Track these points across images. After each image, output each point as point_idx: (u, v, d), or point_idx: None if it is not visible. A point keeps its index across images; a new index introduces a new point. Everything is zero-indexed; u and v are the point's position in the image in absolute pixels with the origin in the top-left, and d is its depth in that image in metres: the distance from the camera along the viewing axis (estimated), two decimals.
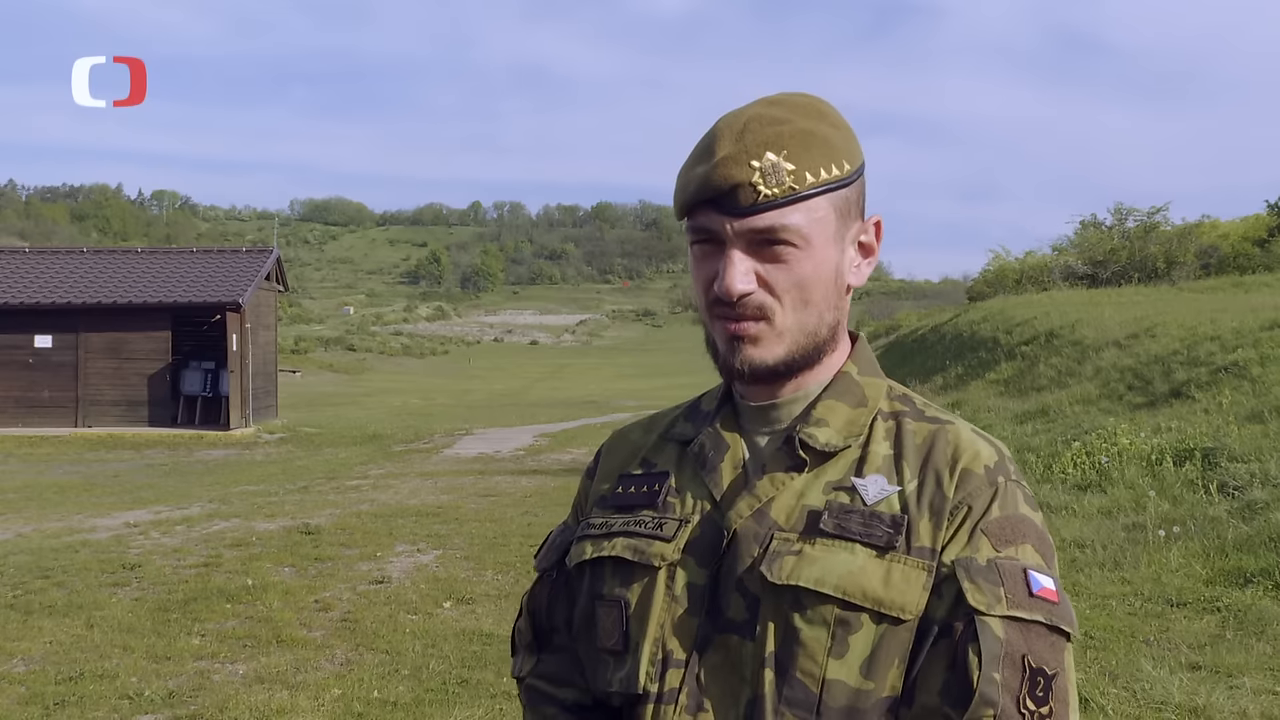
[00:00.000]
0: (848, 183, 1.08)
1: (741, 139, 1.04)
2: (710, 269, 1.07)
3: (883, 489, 1.07)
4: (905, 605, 1.01)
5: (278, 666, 5.44)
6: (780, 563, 1.04)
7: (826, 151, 1.06)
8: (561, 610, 1.22)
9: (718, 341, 1.10)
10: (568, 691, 1.20)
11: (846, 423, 1.11)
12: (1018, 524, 1.05)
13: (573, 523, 1.27)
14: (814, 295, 1.08)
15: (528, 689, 1.23)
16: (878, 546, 1.03)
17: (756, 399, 1.15)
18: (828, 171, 1.05)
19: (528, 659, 1.25)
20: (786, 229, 1.04)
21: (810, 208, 1.05)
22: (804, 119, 1.07)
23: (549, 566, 1.25)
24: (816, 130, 1.06)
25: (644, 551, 1.11)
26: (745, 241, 1.05)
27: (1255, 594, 5.86)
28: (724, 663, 1.06)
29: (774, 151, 1.03)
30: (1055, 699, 0.97)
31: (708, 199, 1.05)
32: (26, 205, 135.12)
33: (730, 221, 1.04)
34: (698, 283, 1.10)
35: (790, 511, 1.07)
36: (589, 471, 1.29)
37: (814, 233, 1.06)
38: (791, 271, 1.06)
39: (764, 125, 1.05)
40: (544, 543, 1.29)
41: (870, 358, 1.18)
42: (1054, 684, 0.98)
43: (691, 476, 1.15)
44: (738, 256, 1.05)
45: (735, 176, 1.03)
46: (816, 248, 1.07)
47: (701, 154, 1.07)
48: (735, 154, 1.04)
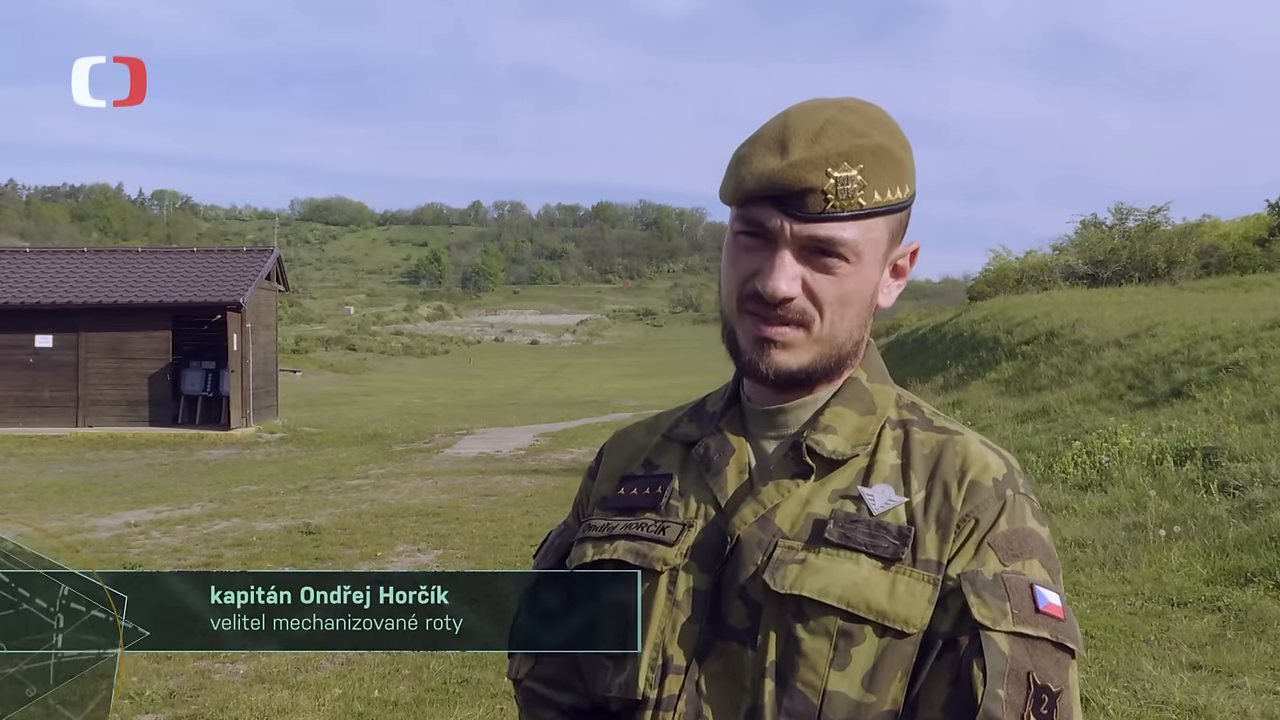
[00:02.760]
0: (904, 206, 1.08)
1: (819, 142, 1.02)
2: (752, 264, 1.05)
3: (890, 499, 1.06)
4: (909, 618, 1.00)
5: (278, 666, 5.44)
6: (784, 571, 1.03)
7: (896, 173, 1.05)
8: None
9: (741, 338, 1.08)
10: (566, 695, 1.18)
11: (854, 430, 1.10)
12: (1025, 538, 1.04)
13: (573, 523, 1.25)
14: (852, 311, 1.07)
15: (525, 691, 1.22)
16: (883, 558, 1.02)
17: (764, 403, 1.13)
18: (893, 193, 1.04)
19: (525, 661, 1.23)
20: (844, 243, 1.03)
21: (869, 226, 1.04)
22: (880, 134, 1.05)
23: (549, 567, 1.23)
24: (891, 150, 1.05)
25: (646, 555, 1.10)
26: (798, 246, 1.03)
27: (1256, 593, 5.86)
28: (724, 670, 1.05)
29: (850, 164, 1.02)
30: (1059, 716, 0.97)
31: (773, 196, 1.02)
32: (27, 205, 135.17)
33: (790, 224, 1.02)
34: (733, 275, 1.07)
35: (795, 519, 1.06)
36: (590, 471, 1.27)
37: (866, 250, 1.05)
38: (838, 285, 1.05)
39: (843, 133, 1.03)
40: (543, 543, 1.28)
41: (880, 364, 1.17)
42: (1058, 701, 0.97)
43: (695, 480, 1.13)
44: (788, 259, 1.03)
45: (810, 181, 1.01)
46: (865, 265, 1.05)
47: (771, 145, 1.04)
48: (814, 158, 1.01)
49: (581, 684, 1.17)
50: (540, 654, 1.22)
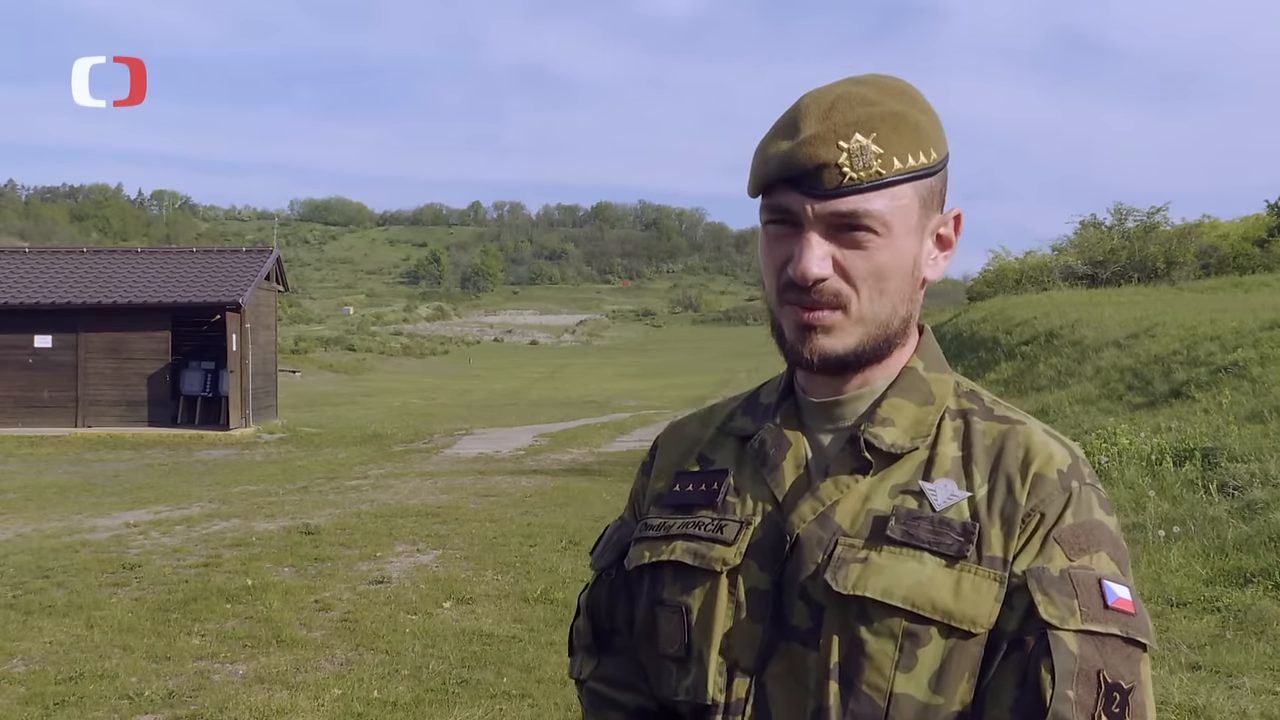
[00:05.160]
0: (933, 171, 1.03)
1: (829, 117, 1.00)
2: (784, 251, 1.03)
3: (952, 494, 1.02)
4: (976, 618, 0.97)
5: (278, 666, 5.44)
6: (846, 571, 1.00)
7: (915, 137, 1.01)
8: (622, 612, 1.18)
9: (786, 329, 1.05)
10: (630, 696, 1.16)
11: (913, 422, 1.07)
12: (1092, 530, 1.01)
13: (630, 519, 1.22)
14: (890, 285, 1.03)
15: (589, 692, 1.20)
16: (947, 555, 0.99)
17: (819, 394, 1.10)
18: (915, 159, 1.01)
19: (587, 661, 1.21)
20: (869, 214, 1.00)
21: (895, 194, 1.01)
22: (894, 101, 1.02)
23: (607, 565, 1.21)
24: (907, 114, 1.02)
25: (705, 556, 1.07)
26: (824, 225, 1.00)
27: (1255, 594, 5.87)
28: (788, 672, 1.02)
29: (863, 133, 0.99)
30: (1132, 713, 0.94)
31: (789, 178, 1.00)
32: (26, 205, 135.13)
33: (811, 203, 1.00)
34: (769, 266, 1.05)
35: (855, 516, 1.03)
36: (644, 467, 1.24)
37: (896, 220, 1.01)
38: (871, 259, 1.01)
39: (853, 105, 1.00)
40: (599, 540, 1.25)
41: (937, 352, 1.13)
42: (1130, 698, 0.94)
43: (751, 475, 1.11)
44: (815, 239, 1.00)
45: (821, 156, 0.98)
46: (897, 236, 1.02)
47: (784, 130, 1.02)
48: (823, 133, 0.99)
49: (646, 685, 1.14)
50: (602, 654, 1.20)
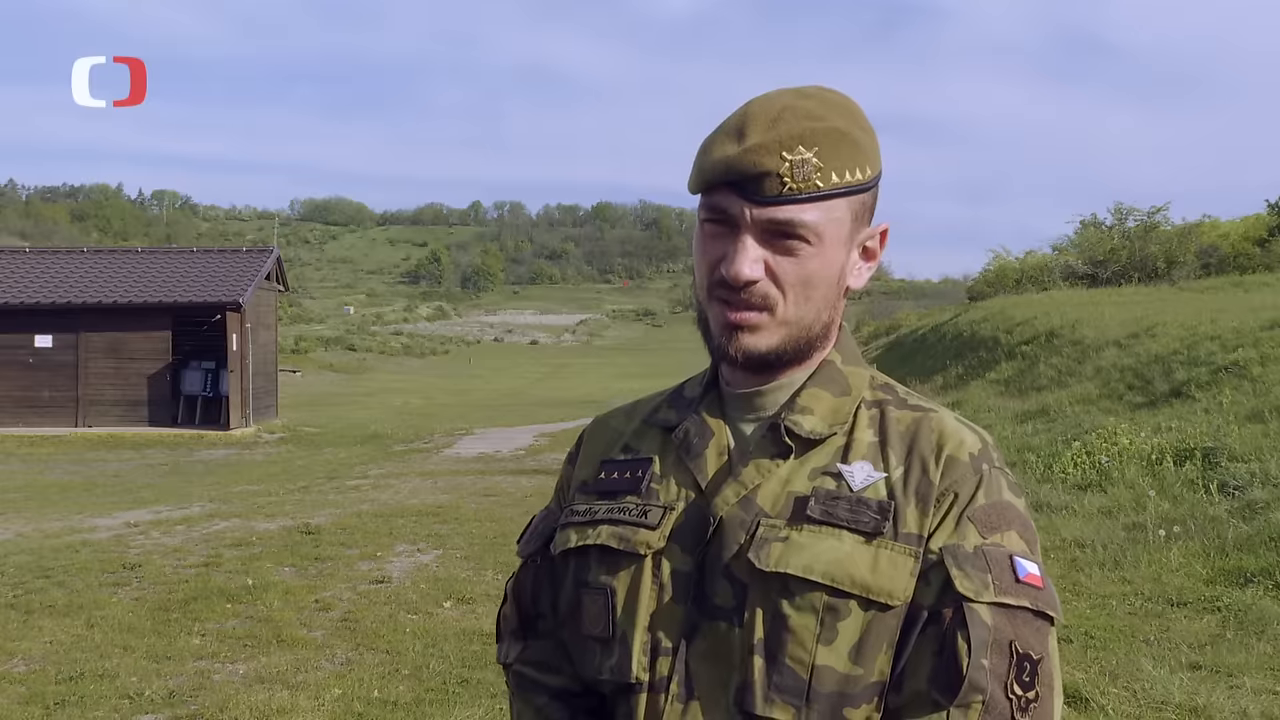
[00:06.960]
0: (867, 188, 1.08)
1: (775, 127, 1.04)
2: (718, 250, 1.07)
3: (869, 475, 1.07)
4: (893, 591, 1.02)
5: (278, 666, 5.44)
6: (768, 549, 1.04)
7: (854, 154, 1.06)
8: (547, 596, 1.22)
9: (713, 324, 1.10)
10: (555, 678, 1.21)
11: (831, 411, 1.11)
12: (1003, 510, 1.06)
13: (555, 508, 1.26)
14: (817, 292, 1.08)
15: (515, 675, 1.25)
16: (865, 533, 1.04)
17: (742, 386, 1.15)
18: (852, 175, 1.05)
19: (514, 645, 1.26)
20: (804, 225, 1.04)
21: (829, 207, 1.05)
22: (838, 117, 1.06)
23: (533, 552, 1.25)
24: (849, 132, 1.06)
25: (629, 539, 1.11)
26: (760, 230, 1.05)
27: (1255, 594, 5.86)
28: (711, 650, 1.06)
29: (806, 146, 1.03)
30: (1041, 683, 0.99)
31: (731, 181, 1.04)
32: (27, 205, 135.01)
33: (749, 208, 1.04)
34: (702, 262, 1.10)
35: (776, 498, 1.08)
36: (570, 457, 1.30)
37: (828, 232, 1.06)
38: (800, 266, 1.06)
39: (799, 118, 1.04)
40: (526, 528, 1.29)
41: (853, 347, 1.19)
42: (1039, 668, 0.99)
43: (675, 463, 1.15)
44: (750, 243, 1.04)
45: (764, 164, 1.02)
46: (827, 247, 1.07)
47: (730, 134, 1.06)
48: (768, 142, 1.03)
49: (570, 666, 1.19)
50: (528, 638, 1.24)
